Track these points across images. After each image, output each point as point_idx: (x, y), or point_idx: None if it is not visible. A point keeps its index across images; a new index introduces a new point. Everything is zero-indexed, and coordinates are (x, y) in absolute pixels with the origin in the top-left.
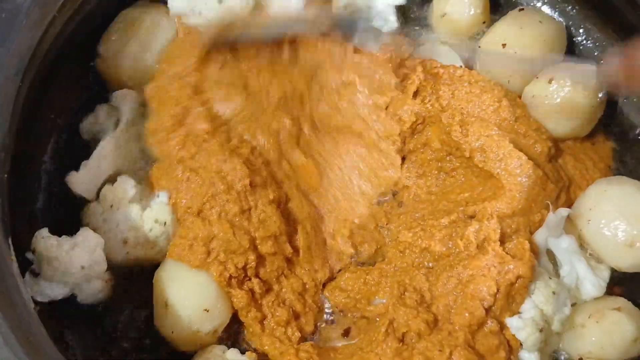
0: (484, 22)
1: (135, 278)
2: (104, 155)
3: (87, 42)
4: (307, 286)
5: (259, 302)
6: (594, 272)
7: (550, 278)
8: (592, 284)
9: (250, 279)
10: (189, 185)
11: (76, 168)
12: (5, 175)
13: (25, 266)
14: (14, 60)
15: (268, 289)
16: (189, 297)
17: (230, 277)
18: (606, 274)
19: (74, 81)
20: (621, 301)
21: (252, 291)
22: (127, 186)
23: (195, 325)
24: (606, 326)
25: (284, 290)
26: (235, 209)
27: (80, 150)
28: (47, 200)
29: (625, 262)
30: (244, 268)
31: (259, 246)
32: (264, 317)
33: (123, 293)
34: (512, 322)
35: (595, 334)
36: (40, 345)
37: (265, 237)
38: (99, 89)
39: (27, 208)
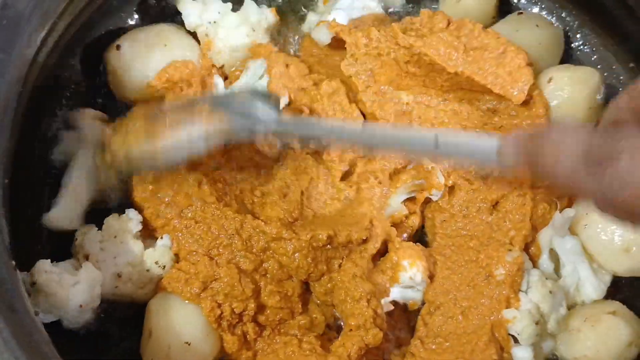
0: (493, 17)
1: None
2: (76, 185)
3: (87, 48)
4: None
5: (251, 344)
6: (596, 275)
7: (547, 278)
8: (593, 286)
9: (245, 324)
10: (190, 232)
11: None
12: (6, 181)
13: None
14: (15, 66)
15: (263, 330)
16: (172, 327)
17: (222, 316)
18: (608, 278)
19: (74, 87)
20: (616, 305)
21: (244, 334)
22: (134, 221)
23: (174, 357)
24: (602, 330)
25: (282, 330)
26: (249, 266)
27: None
28: (47, 205)
29: (622, 267)
30: (241, 314)
31: (264, 297)
32: (256, 354)
33: (117, 320)
34: (507, 313)
35: (590, 338)
36: (41, 349)
37: (274, 292)
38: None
39: (27, 212)
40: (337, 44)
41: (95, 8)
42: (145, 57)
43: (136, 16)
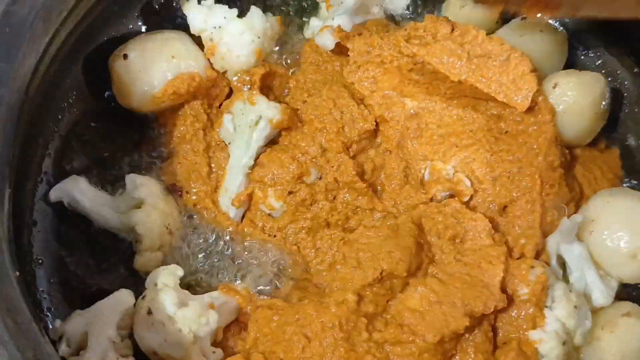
0: (497, 22)
1: None
2: None
3: (89, 54)
4: None
5: None
6: (603, 281)
7: (571, 291)
8: (601, 292)
9: None
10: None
11: None
12: (9, 190)
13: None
14: (18, 74)
15: None
16: None
17: None
18: (614, 284)
19: (76, 93)
20: (628, 305)
21: None
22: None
23: None
24: (621, 334)
25: None
26: None
27: (80, 162)
28: (46, 211)
29: (627, 273)
30: None
31: None
32: None
33: None
34: (534, 335)
35: (613, 344)
36: (44, 350)
37: None
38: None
39: (28, 220)
40: (339, 49)
41: (98, 14)
42: (151, 67)
43: (139, 22)
